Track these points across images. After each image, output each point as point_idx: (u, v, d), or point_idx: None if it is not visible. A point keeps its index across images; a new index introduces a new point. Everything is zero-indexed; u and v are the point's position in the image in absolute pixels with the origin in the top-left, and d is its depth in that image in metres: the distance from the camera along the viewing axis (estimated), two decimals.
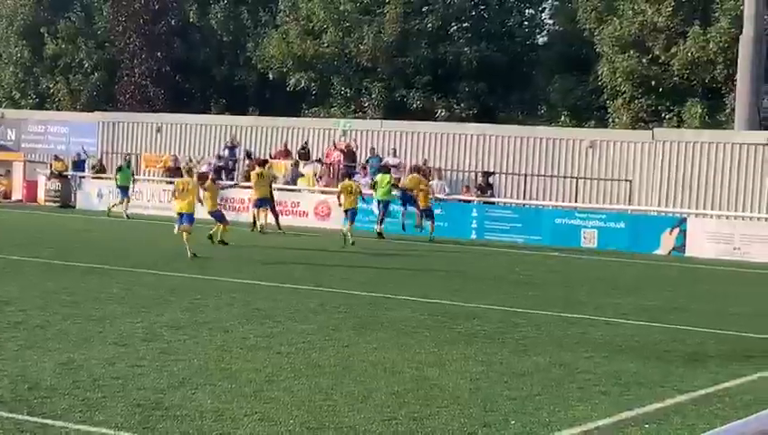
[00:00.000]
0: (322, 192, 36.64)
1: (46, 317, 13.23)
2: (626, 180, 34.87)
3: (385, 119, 42.40)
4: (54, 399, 8.89)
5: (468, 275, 22.47)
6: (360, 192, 29.80)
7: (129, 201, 36.20)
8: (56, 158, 42.28)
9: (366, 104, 46.29)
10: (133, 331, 12.50)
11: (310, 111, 48.22)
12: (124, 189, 36.35)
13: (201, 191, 24.77)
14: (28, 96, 55.03)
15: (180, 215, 23.40)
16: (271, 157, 39.06)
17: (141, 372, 10.11)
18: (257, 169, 31.70)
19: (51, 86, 54.03)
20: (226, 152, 40.63)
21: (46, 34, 53.65)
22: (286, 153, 39.48)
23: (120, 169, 37.25)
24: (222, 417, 8.51)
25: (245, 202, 35.34)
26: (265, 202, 31.44)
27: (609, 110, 42.83)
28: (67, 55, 53.43)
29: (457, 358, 11.69)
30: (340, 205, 29.24)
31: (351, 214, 28.78)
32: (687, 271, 26.22)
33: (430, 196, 32.05)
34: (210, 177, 28.21)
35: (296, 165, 38.01)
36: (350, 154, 38.29)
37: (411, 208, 32.23)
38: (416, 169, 33.54)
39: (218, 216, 26.09)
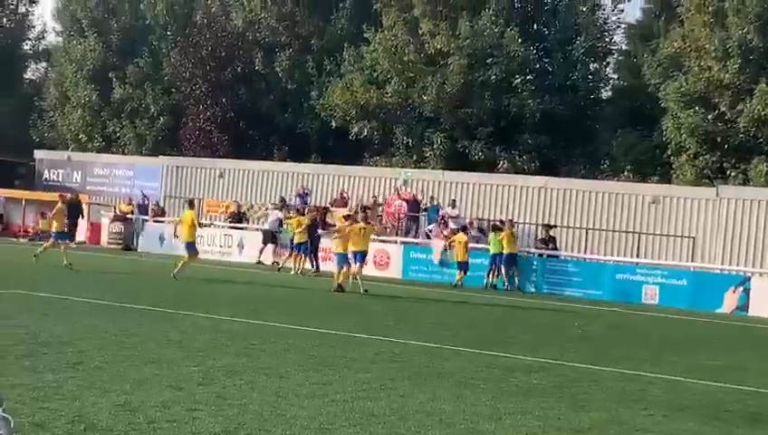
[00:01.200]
0: (382, 241, 36.69)
1: (104, 359, 13.28)
2: (689, 237, 34.54)
3: (446, 169, 42.43)
4: None
5: (527, 328, 22.28)
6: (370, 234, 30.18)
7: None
8: (128, 201, 42.93)
9: (427, 154, 46.37)
10: (189, 374, 12.50)
11: (372, 160, 48.41)
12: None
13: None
14: (95, 139, 55.89)
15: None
16: (330, 205, 39.34)
17: (197, 416, 10.09)
18: (360, 224, 31.03)
19: (117, 130, 54.84)
20: (297, 200, 40.90)
21: (114, 79, 54.55)
22: (343, 202, 39.67)
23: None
24: None
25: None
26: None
27: (674, 165, 42.56)
28: (134, 100, 54.25)
29: (514, 411, 11.55)
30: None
31: (360, 256, 28.68)
32: (750, 330, 25.80)
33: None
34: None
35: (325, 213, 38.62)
36: (414, 203, 38.35)
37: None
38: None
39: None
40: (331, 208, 39.38)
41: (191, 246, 28.05)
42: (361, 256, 29.07)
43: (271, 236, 37.64)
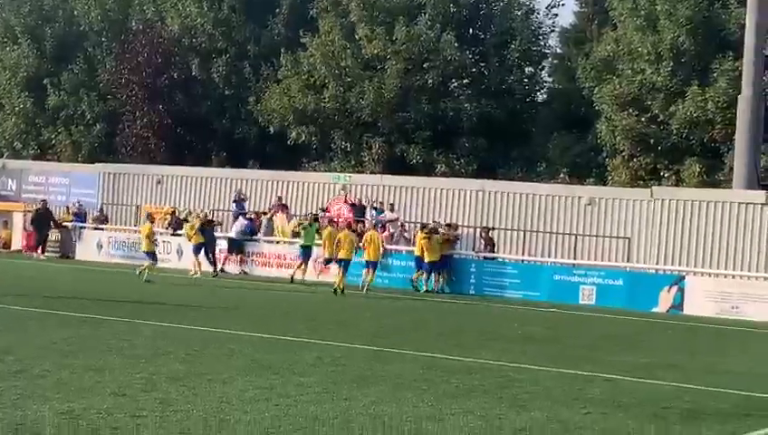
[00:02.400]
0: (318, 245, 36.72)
1: (45, 367, 13.24)
2: (624, 238, 34.96)
3: (385, 173, 42.57)
4: None
5: (466, 329, 22.47)
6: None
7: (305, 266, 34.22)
8: (67, 210, 42.62)
9: (366, 159, 46.48)
10: (132, 381, 12.52)
11: (310, 165, 48.41)
12: (307, 250, 34.18)
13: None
14: (30, 146, 55.27)
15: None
16: (270, 211, 39.32)
17: (141, 423, 10.12)
18: (371, 232, 33.00)
19: (53, 137, 54.29)
20: (234, 206, 40.79)
21: (49, 86, 54.00)
22: (282, 207, 39.66)
23: (305, 227, 34.81)
24: None
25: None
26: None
27: (608, 167, 43.05)
28: (69, 107, 53.73)
29: (456, 412, 11.70)
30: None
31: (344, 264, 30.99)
32: (685, 329, 26.23)
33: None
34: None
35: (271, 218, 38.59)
36: (359, 208, 38.40)
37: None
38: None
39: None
40: (272, 214, 39.38)
41: (150, 255, 31.30)
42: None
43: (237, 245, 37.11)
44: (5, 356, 13.88)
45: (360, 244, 32.79)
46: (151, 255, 31.70)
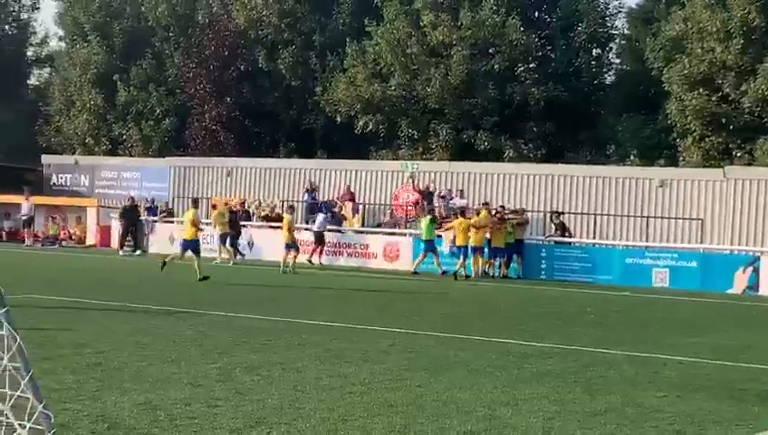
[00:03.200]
0: (392, 234, 36.83)
1: (123, 359, 13.43)
2: (697, 219, 34.59)
3: (452, 160, 42.51)
4: None
5: (539, 314, 22.38)
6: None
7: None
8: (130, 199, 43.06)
9: (433, 146, 46.45)
10: (207, 372, 12.64)
11: (377, 154, 48.49)
12: (429, 243, 33.95)
13: None
14: (101, 142, 56.02)
15: None
16: (338, 200, 39.50)
17: (217, 412, 10.22)
18: (460, 219, 33.32)
19: (123, 132, 54.96)
20: (306, 196, 41.03)
21: (119, 82, 54.67)
22: (351, 196, 39.81)
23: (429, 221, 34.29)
24: None
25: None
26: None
27: (679, 148, 42.57)
28: (139, 102, 54.37)
29: (529, 397, 11.66)
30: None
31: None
32: (761, 310, 25.87)
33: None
34: None
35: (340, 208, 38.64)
36: (427, 195, 38.45)
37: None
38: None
39: None
40: (341, 202, 39.60)
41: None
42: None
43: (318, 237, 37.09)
44: (84, 349, 14.10)
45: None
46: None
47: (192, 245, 27.39)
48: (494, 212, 34.13)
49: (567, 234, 35.50)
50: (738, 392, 12.67)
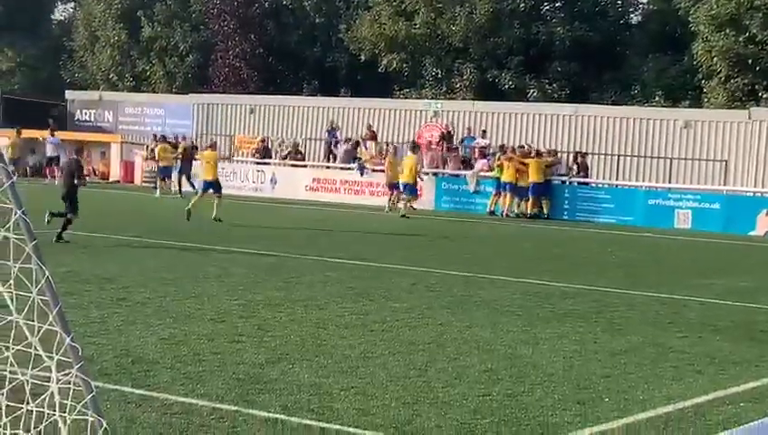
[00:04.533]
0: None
1: (147, 294, 13.57)
2: (721, 161, 34.41)
3: (476, 100, 42.35)
4: (157, 372, 9.16)
5: (561, 255, 22.42)
6: None
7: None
8: (164, 139, 41.16)
9: (457, 85, 46.24)
10: (230, 308, 12.77)
11: (401, 93, 48.31)
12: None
13: None
14: (125, 79, 55.97)
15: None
16: (361, 139, 39.44)
17: (240, 348, 10.35)
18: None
19: (147, 69, 54.90)
20: (327, 135, 41.06)
21: (143, 17, 54.50)
22: (372, 135, 39.78)
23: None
24: (319, 391, 8.69)
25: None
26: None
27: (705, 89, 42.21)
28: (163, 38, 54.22)
29: (550, 337, 11.74)
30: None
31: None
32: None
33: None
34: None
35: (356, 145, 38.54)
36: (447, 135, 38.34)
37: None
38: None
39: None
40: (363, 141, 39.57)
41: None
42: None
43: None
44: (108, 284, 14.25)
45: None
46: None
47: (212, 185, 27.45)
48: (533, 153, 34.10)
49: (583, 174, 35.39)
50: (758, 334, 12.71)
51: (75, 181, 19.95)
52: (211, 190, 27.26)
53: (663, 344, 11.62)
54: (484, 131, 38.07)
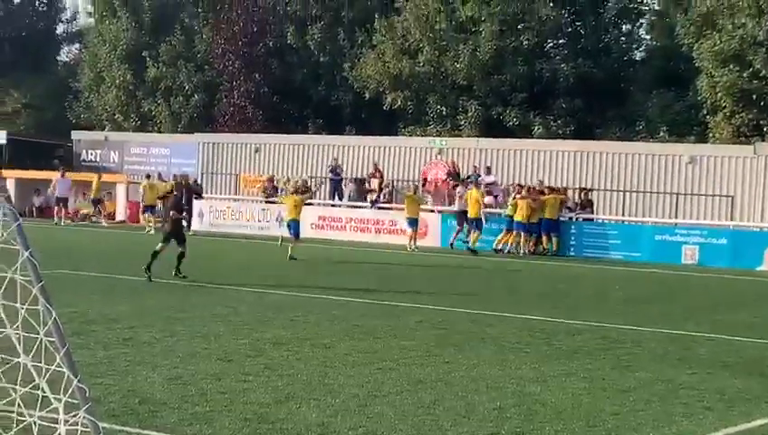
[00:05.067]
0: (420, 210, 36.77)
1: (153, 334, 13.53)
2: (727, 196, 34.41)
3: (481, 137, 42.43)
4: (164, 412, 9.11)
5: (568, 291, 22.36)
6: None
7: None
8: (159, 177, 41.85)
9: (462, 122, 46.32)
10: (237, 347, 12.73)
11: (406, 130, 48.39)
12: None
13: None
14: (130, 119, 56.13)
15: None
16: (367, 177, 39.55)
17: (247, 387, 10.30)
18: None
19: (152, 109, 55.07)
20: (330, 174, 41.11)
21: (148, 58, 54.76)
22: (378, 174, 39.86)
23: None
24: (327, 431, 8.64)
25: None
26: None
27: (710, 125, 42.25)
28: (168, 78, 54.43)
29: (559, 374, 11.68)
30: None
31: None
32: None
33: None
34: None
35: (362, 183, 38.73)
36: (455, 172, 38.41)
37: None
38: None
39: None
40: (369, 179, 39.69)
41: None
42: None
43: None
44: (114, 324, 14.22)
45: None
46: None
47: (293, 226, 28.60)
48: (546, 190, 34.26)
49: (589, 210, 35.41)
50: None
51: (175, 215, 21.99)
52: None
53: (672, 381, 11.55)
54: (489, 168, 38.12)
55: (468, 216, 33.01)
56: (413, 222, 33.53)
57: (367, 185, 38.98)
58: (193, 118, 53.74)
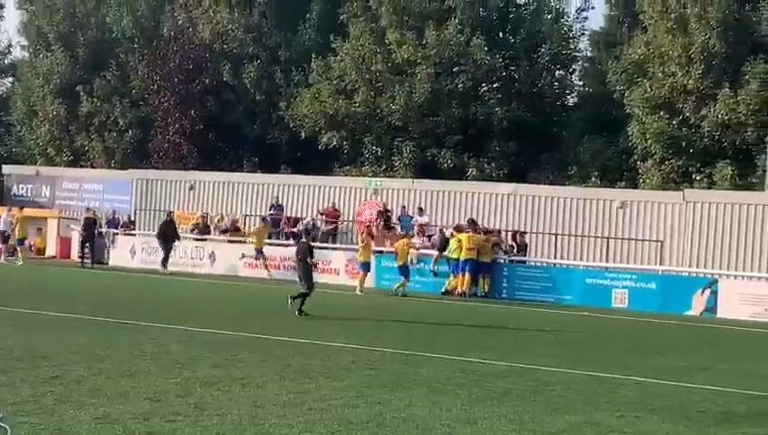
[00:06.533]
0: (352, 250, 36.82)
1: (81, 372, 13.35)
2: (657, 241, 34.89)
3: (416, 178, 42.66)
4: None
5: (499, 333, 22.47)
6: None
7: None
8: (87, 210, 41.76)
9: (397, 163, 46.56)
10: (167, 386, 12.60)
11: (341, 170, 48.54)
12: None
13: None
14: (63, 153, 55.72)
15: None
16: (321, 214, 39.63)
17: (176, 427, 10.20)
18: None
19: (86, 144, 54.72)
20: (272, 210, 41.05)
21: (82, 93, 54.44)
22: (334, 212, 39.94)
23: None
24: None
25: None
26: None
27: (640, 170, 42.94)
28: (102, 113, 54.16)
29: (489, 416, 11.72)
30: None
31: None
32: (718, 332, 26.11)
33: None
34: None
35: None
36: (385, 213, 38.50)
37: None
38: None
39: None
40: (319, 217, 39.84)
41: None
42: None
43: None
44: (42, 362, 14.01)
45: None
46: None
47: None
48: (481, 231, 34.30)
49: (522, 252, 35.67)
50: (695, 414, 12.78)
51: (309, 261, 23.79)
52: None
53: (601, 424, 11.64)
54: (421, 209, 38.28)
55: (398, 264, 32.91)
56: (366, 265, 33.26)
57: (320, 223, 39.17)
58: (127, 153, 53.48)
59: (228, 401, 11.86)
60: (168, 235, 37.60)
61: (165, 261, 37.13)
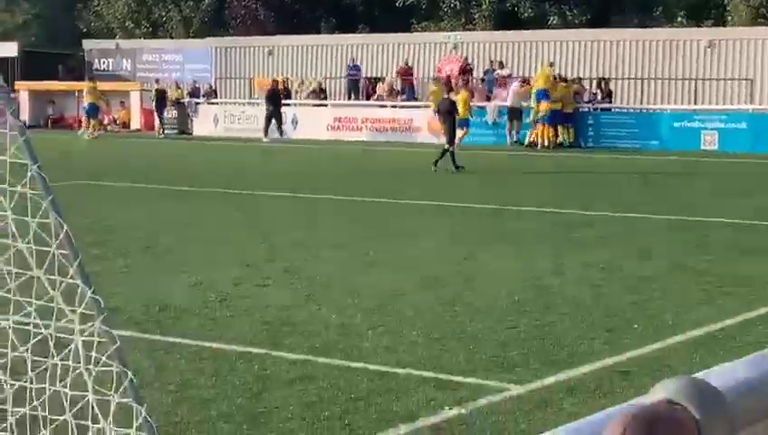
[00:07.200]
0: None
1: (172, 241, 13.57)
2: (746, 79, 34.03)
3: (495, 30, 41.97)
4: (185, 319, 9.18)
5: (585, 182, 22.27)
6: None
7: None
8: (176, 86, 42.41)
9: (476, 16, 45.81)
10: (257, 252, 12.74)
11: (419, 27, 47.91)
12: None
13: None
14: (141, 25, 55.74)
15: None
16: (397, 74, 39.34)
17: (267, 291, 10.35)
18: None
19: (163, 14, 54.63)
20: (349, 70, 40.81)
21: None
22: (406, 71, 39.54)
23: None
24: (347, 331, 8.68)
25: None
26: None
27: (728, 7, 41.68)
28: None
29: (577, 266, 11.67)
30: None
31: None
32: None
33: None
34: None
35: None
36: (468, 68, 37.94)
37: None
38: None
39: None
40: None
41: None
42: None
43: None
44: (132, 233, 14.25)
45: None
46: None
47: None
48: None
49: (607, 99, 35.02)
50: None
51: (455, 117, 24.49)
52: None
53: (691, 268, 11.53)
54: (501, 63, 37.66)
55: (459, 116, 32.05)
56: (464, 122, 32.07)
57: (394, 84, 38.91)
58: (204, 22, 53.30)
59: (317, 263, 11.97)
60: (276, 101, 37.32)
61: (279, 128, 36.67)
